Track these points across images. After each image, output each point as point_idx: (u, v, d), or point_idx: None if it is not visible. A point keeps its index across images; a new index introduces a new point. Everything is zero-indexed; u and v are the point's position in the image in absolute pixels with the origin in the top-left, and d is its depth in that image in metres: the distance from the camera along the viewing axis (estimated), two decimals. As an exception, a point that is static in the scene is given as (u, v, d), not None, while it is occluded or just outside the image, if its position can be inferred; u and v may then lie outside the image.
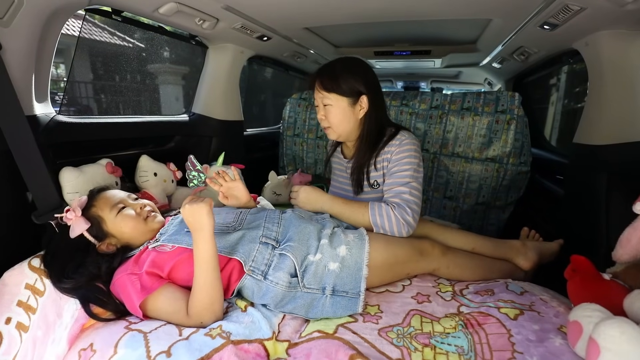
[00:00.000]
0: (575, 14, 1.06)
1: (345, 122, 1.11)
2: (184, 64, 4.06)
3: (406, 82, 3.30)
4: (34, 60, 0.92)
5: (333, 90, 1.07)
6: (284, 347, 0.78)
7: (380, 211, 1.03)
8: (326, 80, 1.08)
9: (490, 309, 0.85)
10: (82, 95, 4.24)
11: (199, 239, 0.81)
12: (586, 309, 0.68)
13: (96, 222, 0.91)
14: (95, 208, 0.93)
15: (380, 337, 0.78)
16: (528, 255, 1.12)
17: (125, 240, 0.94)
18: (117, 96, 4.27)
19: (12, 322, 0.81)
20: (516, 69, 2.03)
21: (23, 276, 0.87)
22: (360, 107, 1.10)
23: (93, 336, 0.78)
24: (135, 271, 0.84)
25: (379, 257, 0.94)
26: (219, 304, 0.83)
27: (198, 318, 0.80)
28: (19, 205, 0.95)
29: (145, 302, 0.81)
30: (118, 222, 0.92)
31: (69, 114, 1.15)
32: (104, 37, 3.92)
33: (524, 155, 1.69)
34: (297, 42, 1.84)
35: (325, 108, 1.11)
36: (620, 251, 0.81)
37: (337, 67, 1.10)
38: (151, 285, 0.81)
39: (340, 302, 0.86)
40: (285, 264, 0.88)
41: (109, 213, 0.92)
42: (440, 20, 1.48)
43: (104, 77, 4.30)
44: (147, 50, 3.93)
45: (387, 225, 1.02)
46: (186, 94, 4.26)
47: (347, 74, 1.08)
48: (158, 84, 4.14)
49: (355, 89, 1.08)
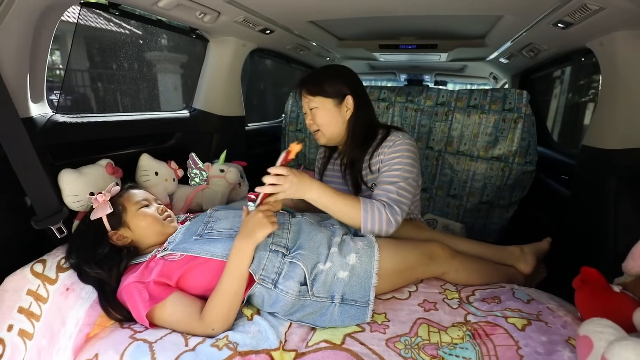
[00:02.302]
0: (593, 14, 1.02)
1: (333, 123, 1.12)
2: (184, 53, 3.97)
3: (410, 74, 3.24)
4: (27, 60, 0.88)
5: (318, 93, 1.11)
6: (291, 357, 0.77)
7: (372, 207, 0.98)
8: (311, 85, 1.12)
9: (498, 318, 0.84)
10: (79, 84, 4.15)
11: (241, 245, 0.83)
12: (597, 324, 0.67)
13: (118, 209, 0.95)
14: (122, 198, 0.98)
15: (388, 348, 0.77)
16: (527, 259, 1.15)
17: (137, 235, 0.95)
18: (115, 85, 4.19)
19: (14, 329, 0.80)
20: (524, 65, 1.98)
21: (25, 282, 0.85)
22: (347, 107, 1.12)
23: (98, 346, 0.78)
24: (142, 280, 0.83)
25: (389, 265, 0.93)
26: (234, 314, 0.84)
27: (211, 324, 0.80)
28: (17, 211, 0.93)
29: (152, 311, 0.80)
30: (139, 214, 0.96)
31: (65, 109, 1.11)
32: (101, 24, 3.81)
33: (529, 154, 1.67)
34: (301, 35, 1.78)
35: (312, 112, 1.14)
36: (631, 263, 0.80)
37: (319, 73, 1.15)
38: (159, 294, 0.80)
39: (349, 311, 0.85)
40: (296, 273, 0.87)
41: (132, 205, 0.97)
42: (448, 14, 1.43)
43: (100, 65, 4.21)
44: (145, 37, 3.83)
45: (377, 224, 0.98)
46: (184, 83, 4.19)
47: (330, 78, 1.12)
48: (156, 73, 4.06)
49: (340, 90, 1.11)
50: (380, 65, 2.82)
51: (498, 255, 1.15)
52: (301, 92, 1.15)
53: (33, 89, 0.94)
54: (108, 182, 1.13)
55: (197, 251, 0.87)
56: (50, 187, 0.94)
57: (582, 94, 2.28)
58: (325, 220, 1.11)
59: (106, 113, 1.28)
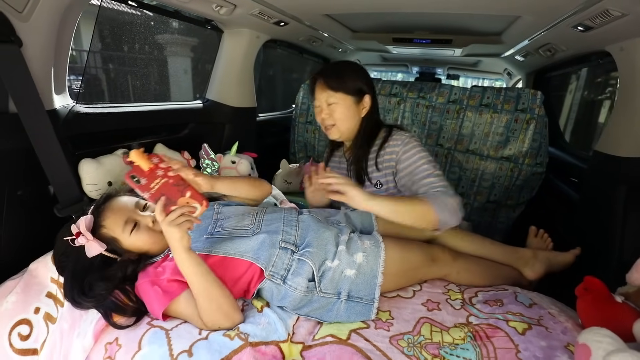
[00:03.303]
0: (615, 19, 1.00)
1: (350, 119, 1.14)
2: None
3: (422, 67, 3.20)
4: (52, 54, 0.90)
5: (340, 89, 1.11)
6: (298, 349, 0.81)
7: (437, 199, 0.93)
8: (332, 80, 1.11)
9: (499, 321, 0.87)
10: (96, 66, 4.15)
11: (176, 257, 0.79)
12: (597, 334, 0.69)
13: (111, 242, 0.87)
14: (105, 229, 0.87)
15: (392, 345, 0.81)
16: (535, 267, 1.11)
17: (144, 250, 0.92)
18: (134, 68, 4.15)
19: (41, 312, 0.85)
20: (540, 63, 1.95)
21: (47, 270, 0.90)
22: (363, 106, 1.14)
23: (118, 331, 0.82)
24: (157, 278, 0.85)
25: (394, 264, 0.96)
26: (228, 306, 0.82)
27: (212, 323, 0.81)
28: (41, 199, 0.97)
29: (167, 308, 0.83)
30: (133, 241, 0.88)
31: (84, 97, 1.14)
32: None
33: (540, 156, 1.66)
34: (315, 27, 1.77)
35: (330, 107, 1.13)
36: (635, 275, 0.82)
37: (340, 69, 1.15)
38: (173, 291, 0.83)
39: (354, 308, 0.89)
40: (304, 270, 0.90)
41: (121, 233, 0.87)
42: (464, 13, 1.41)
43: (117, 49, 4.19)
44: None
45: (448, 212, 0.93)
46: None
47: (351, 74, 1.13)
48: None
49: (360, 88, 1.12)
50: (392, 57, 2.79)
51: (507, 257, 1.13)
52: (315, 86, 1.14)
53: (57, 81, 0.97)
54: (125, 171, 1.17)
55: (210, 250, 0.90)
56: (72, 176, 0.98)
57: (598, 95, 2.24)
58: (332, 217, 1.14)
59: (134, 102, 1.29)
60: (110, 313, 0.83)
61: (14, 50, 0.80)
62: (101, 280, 0.84)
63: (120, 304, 0.85)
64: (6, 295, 0.85)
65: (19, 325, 0.82)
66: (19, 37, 0.81)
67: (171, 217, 0.76)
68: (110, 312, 0.84)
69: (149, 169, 0.79)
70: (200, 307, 0.81)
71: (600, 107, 2.24)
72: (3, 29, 0.78)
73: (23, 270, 0.91)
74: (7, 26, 0.78)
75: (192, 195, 0.81)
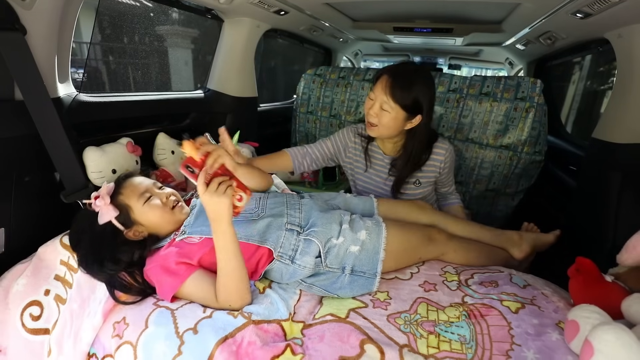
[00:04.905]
0: (613, 5, 1.01)
1: (393, 128, 1.17)
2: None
3: (424, 57, 3.19)
4: (56, 42, 0.92)
5: (399, 102, 1.10)
6: (299, 327, 0.84)
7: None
8: (397, 89, 1.09)
9: (493, 301, 0.89)
10: (96, 58, 4.14)
11: (217, 230, 0.80)
12: (585, 310, 0.72)
13: (124, 210, 0.92)
14: (122, 196, 0.94)
15: (389, 323, 0.84)
16: (522, 247, 1.18)
17: (152, 228, 0.96)
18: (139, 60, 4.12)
19: (51, 294, 0.88)
20: (540, 52, 1.95)
21: (56, 253, 0.93)
22: (412, 123, 1.16)
23: (125, 311, 0.86)
24: (165, 263, 0.87)
25: (395, 243, 1.01)
26: (245, 288, 0.85)
27: (226, 302, 0.84)
28: (48, 185, 0.99)
29: (177, 291, 0.86)
30: (145, 211, 0.93)
31: (87, 86, 1.15)
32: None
33: (539, 144, 1.67)
34: (315, 16, 1.77)
35: (380, 110, 1.13)
36: (625, 255, 0.84)
37: (412, 78, 1.11)
38: (183, 273, 0.85)
39: (357, 281, 0.93)
40: (311, 249, 0.94)
41: (136, 202, 0.93)
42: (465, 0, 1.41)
43: (116, 39, 4.17)
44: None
45: None
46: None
47: (419, 88, 1.10)
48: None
49: (418, 108, 1.13)
50: (393, 47, 2.78)
51: (495, 239, 1.19)
52: (378, 80, 1.13)
53: (60, 69, 0.99)
54: (129, 160, 1.19)
55: None
56: (78, 163, 1.00)
57: (599, 84, 2.23)
58: (331, 200, 1.18)
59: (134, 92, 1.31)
60: (115, 290, 0.87)
61: (18, 38, 0.82)
62: (110, 261, 0.87)
63: (127, 284, 0.88)
64: (17, 278, 0.89)
65: (30, 306, 0.86)
66: (23, 25, 0.83)
67: (213, 187, 0.76)
68: (115, 290, 0.88)
69: (200, 159, 0.80)
70: (221, 285, 0.83)
71: (603, 96, 2.24)
72: (8, 17, 0.79)
73: (32, 254, 0.95)
74: (11, 14, 0.80)
75: (238, 185, 0.83)
